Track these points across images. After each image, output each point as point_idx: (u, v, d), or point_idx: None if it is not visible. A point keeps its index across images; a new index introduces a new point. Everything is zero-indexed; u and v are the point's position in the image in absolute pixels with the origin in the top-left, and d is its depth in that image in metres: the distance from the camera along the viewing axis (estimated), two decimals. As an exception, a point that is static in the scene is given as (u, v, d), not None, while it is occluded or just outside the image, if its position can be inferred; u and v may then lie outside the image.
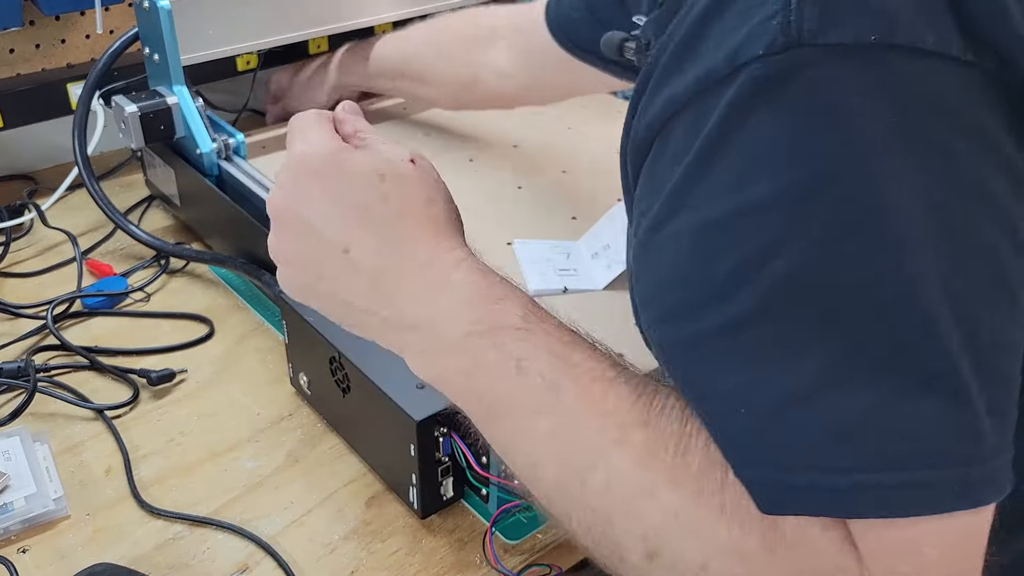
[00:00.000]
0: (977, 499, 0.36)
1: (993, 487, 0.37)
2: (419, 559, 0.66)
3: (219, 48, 0.98)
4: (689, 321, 0.40)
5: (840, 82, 0.36)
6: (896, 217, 0.36)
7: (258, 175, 0.96)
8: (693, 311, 0.40)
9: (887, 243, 0.36)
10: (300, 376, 0.78)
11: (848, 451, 0.36)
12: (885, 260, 0.36)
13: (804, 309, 0.37)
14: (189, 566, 0.65)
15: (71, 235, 1.00)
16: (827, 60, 0.36)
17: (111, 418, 0.77)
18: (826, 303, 0.37)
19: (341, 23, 1.06)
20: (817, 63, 0.36)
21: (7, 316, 0.89)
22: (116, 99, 0.94)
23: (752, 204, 0.37)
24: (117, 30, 1.14)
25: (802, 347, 0.37)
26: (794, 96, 0.37)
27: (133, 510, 0.69)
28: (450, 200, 0.53)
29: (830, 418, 0.36)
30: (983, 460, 0.37)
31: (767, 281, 0.37)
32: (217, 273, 0.96)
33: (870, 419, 0.36)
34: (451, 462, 0.67)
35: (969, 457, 0.36)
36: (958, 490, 0.36)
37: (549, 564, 0.67)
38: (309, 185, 0.50)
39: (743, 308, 0.38)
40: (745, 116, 0.38)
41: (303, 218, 0.50)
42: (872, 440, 0.36)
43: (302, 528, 0.68)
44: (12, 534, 0.67)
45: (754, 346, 0.38)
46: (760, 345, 0.38)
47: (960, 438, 0.36)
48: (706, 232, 0.39)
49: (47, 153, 1.14)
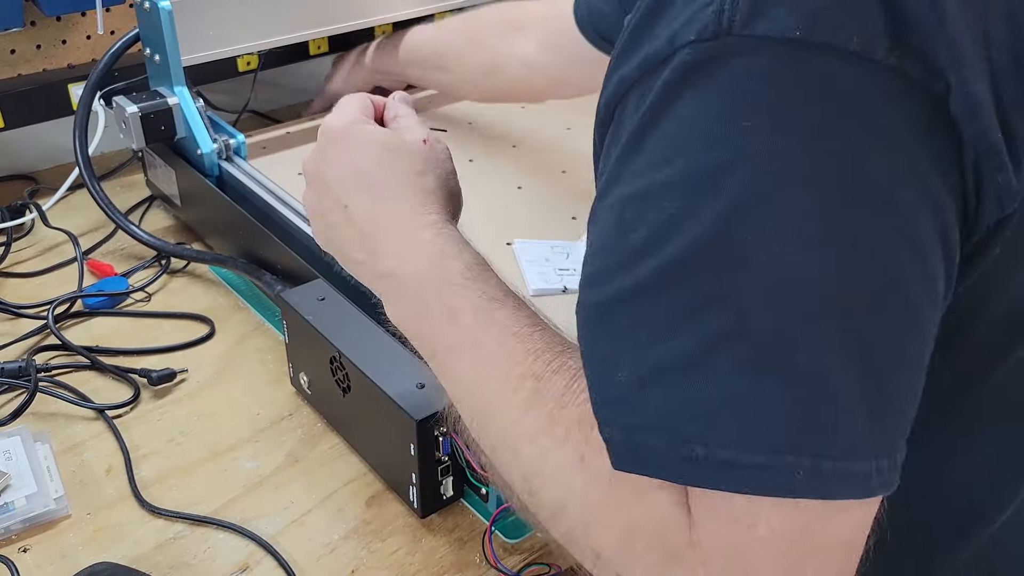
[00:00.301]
0: (825, 492, 0.37)
1: (854, 485, 0.38)
2: (419, 558, 0.66)
3: (220, 49, 0.98)
4: (598, 287, 0.42)
5: (759, 74, 0.37)
6: (791, 213, 0.37)
7: (258, 175, 0.96)
8: (604, 278, 0.42)
9: (777, 236, 0.37)
10: (300, 376, 0.78)
11: (700, 426, 0.38)
12: (773, 253, 0.37)
13: (691, 288, 0.38)
14: (190, 565, 0.65)
15: (72, 235, 1.00)
16: (751, 51, 0.37)
17: (112, 418, 0.77)
18: (711, 286, 0.38)
19: (341, 23, 1.06)
20: (742, 53, 0.37)
21: (8, 316, 0.89)
22: (117, 99, 0.94)
23: (664, 182, 0.39)
24: (118, 31, 1.14)
25: (681, 324, 0.38)
26: (717, 83, 0.38)
27: (134, 510, 0.70)
28: (447, 178, 0.59)
29: (692, 395, 0.38)
30: (842, 457, 0.37)
31: (663, 257, 0.39)
32: (218, 273, 0.97)
33: (730, 400, 0.38)
34: (451, 461, 0.67)
35: (823, 451, 0.37)
36: (802, 479, 0.37)
37: (548, 563, 0.67)
38: (329, 149, 0.58)
39: (639, 280, 0.40)
40: (674, 98, 0.39)
41: (321, 177, 0.58)
42: (726, 420, 0.38)
43: (302, 527, 0.68)
44: (13, 533, 0.67)
45: (640, 316, 0.40)
46: (644, 316, 0.40)
47: (817, 433, 0.37)
48: (627, 205, 0.41)
49: (48, 153, 1.14)
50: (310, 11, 1.03)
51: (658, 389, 0.39)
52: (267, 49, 1.08)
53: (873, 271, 0.38)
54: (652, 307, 0.39)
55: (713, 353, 0.38)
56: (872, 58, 0.37)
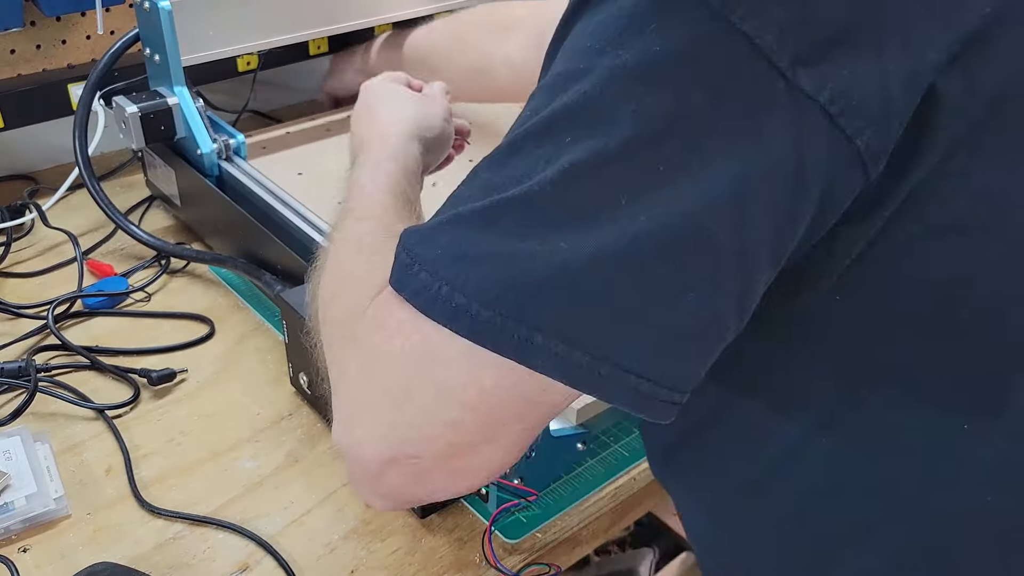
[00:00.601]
0: (528, 360, 0.40)
1: (560, 371, 0.40)
2: (419, 558, 0.66)
3: (219, 49, 0.98)
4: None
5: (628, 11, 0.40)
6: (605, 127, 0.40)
7: (258, 175, 0.96)
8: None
9: (586, 141, 0.40)
10: (300, 376, 0.78)
11: (453, 270, 0.41)
12: (578, 154, 0.40)
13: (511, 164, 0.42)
14: (190, 565, 0.65)
15: (72, 235, 1.00)
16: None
17: (112, 418, 0.77)
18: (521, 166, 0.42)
19: (341, 23, 1.06)
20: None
21: (8, 316, 0.89)
22: (117, 99, 0.94)
23: (542, 81, 0.44)
24: (118, 31, 1.15)
25: (487, 191, 0.42)
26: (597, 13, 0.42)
27: (134, 509, 0.70)
28: (422, 120, 0.73)
29: (457, 243, 0.42)
30: (557, 339, 0.40)
31: (507, 138, 0.44)
32: (217, 273, 0.97)
33: (485, 258, 0.41)
34: (451, 461, 0.67)
35: (539, 324, 0.40)
36: (502, 340, 0.40)
37: (548, 563, 0.67)
38: (362, 93, 0.79)
39: (494, 152, 0.44)
40: (572, 20, 0.44)
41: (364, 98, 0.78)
42: (473, 271, 0.41)
43: (302, 527, 0.68)
44: (13, 533, 0.67)
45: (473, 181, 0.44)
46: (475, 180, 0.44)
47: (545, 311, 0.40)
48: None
49: (48, 153, 1.15)
50: (310, 11, 1.03)
51: (449, 231, 0.42)
52: (267, 49, 1.08)
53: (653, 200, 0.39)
54: (485, 173, 0.44)
55: (496, 215, 0.41)
56: (776, 63, 0.38)
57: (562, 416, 0.71)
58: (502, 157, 0.43)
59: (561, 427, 0.70)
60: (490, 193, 0.42)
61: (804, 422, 0.52)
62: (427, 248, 0.42)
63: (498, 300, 0.40)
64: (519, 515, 0.69)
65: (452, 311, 0.41)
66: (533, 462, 0.68)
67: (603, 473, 0.73)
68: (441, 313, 0.41)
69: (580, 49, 0.42)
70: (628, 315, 0.40)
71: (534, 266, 0.40)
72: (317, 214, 0.89)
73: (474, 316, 0.40)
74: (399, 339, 0.43)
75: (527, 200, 0.40)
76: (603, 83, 0.40)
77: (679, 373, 0.42)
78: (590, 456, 0.74)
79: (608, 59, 0.40)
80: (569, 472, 0.73)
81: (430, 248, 0.42)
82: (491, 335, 0.40)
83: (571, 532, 0.70)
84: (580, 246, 0.39)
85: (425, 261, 0.42)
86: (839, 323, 0.48)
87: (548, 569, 0.67)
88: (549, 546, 0.68)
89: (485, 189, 0.42)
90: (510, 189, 0.41)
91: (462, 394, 0.42)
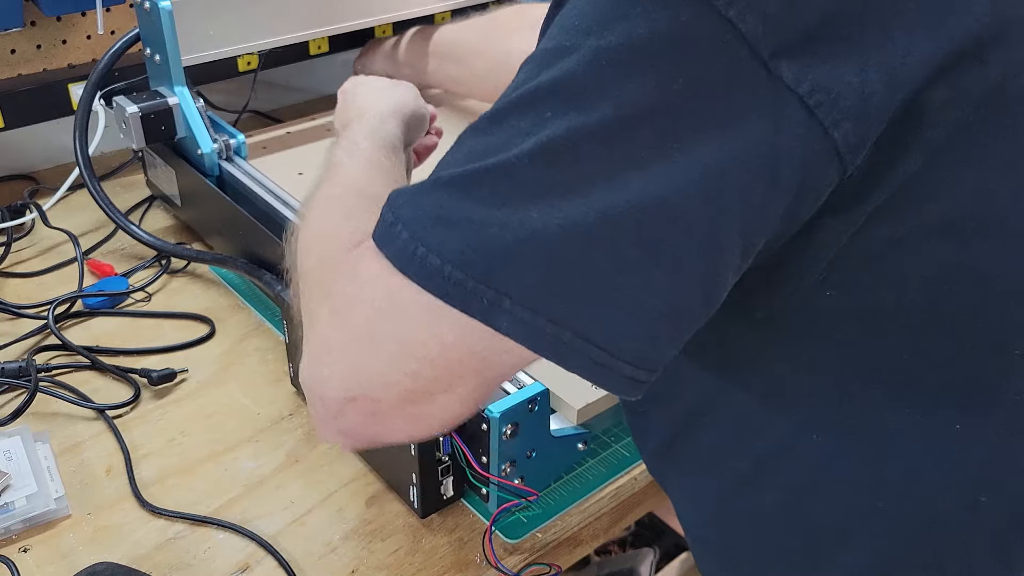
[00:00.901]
0: (493, 322, 0.42)
1: (524, 336, 0.42)
2: (419, 558, 0.66)
3: (220, 48, 0.98)
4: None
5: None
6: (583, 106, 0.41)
7: (259, 175, 0.96)
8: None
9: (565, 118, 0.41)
10: (300, 376, 0.78)
11: (435, 231, 0.43)
12: (558, 128, 0.41)
13: (495, 134, 0.43)
14: (190, 565, 0.65)
15: (72, 235, 1.00)
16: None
17: (112, 418, 0.77)
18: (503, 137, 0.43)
19: (341, 23, 1.06)
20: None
21: (8, 316, 0.89)
22: (117, 99, 0.94)
23: (527, 59, 0.45)
24: (118, 31, 1.15)
25: (471, 158, 0.43)
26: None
27: (134, 510, 0.70)
28: (397, 98, 0.75)
29: (437, 206, 0.43)
30: (521, 302, 0.41)
31: (495, 106, 0.45)
32: (218, 273, 0.97)
33: (462, 216, 0.42)
34: (451, 461, 0.67)
35: (505, 290, 0.41)
36: (471, 302, 0.42)
37: (549, 563, 0.67)
38: (340, 94, 0.81)
39: (479, 119, 0.46)
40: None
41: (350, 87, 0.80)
42: (449, 234, 0.42)
43: (302, 527, 0.68)
44: (13, 533, 0.67)
45: (461, 145, 0.46)
46: (462, 146, 0.46)
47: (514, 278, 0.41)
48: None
49: (48, 153, 1.15)
50: (310, 11, 1.03)
51: (431, 194, 0.44)
52: (267, 49, 1.08)
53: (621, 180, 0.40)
54: (469, 141, 0.45)
55: (474, 183, 0.43)
56: (714, 4, 0.39)
57: (562, 416, 0.71)
58: (485, 126, 0.44)
59: (561, 427, 0.70)
60: (472, 160, 0.43)
61: (793, 418, 0.52)
62: (410, 209, 0.44)
63: (470, 264, 0.42)
64: (519, 515, 0.69)
65: (426, 271, 0.42)
66: (533, 462, 0.68)
67: (603, 473, 0.73)
68: (416, 271, 0.43)
69: (568, 27, 0.43)
70: (593, 288, 0.41)
71: (505, 234, 0.41)
72: (317, 214, 0.90)
73: (446, 277, 0.42)
74: (370, 290, 0.45)
75: (504, 170, 0.42)
76: (587, 62, 0.41)
77: (640, 349, 0.43)
78: (590, 456, 0.74)
79: (594, 39, 0.41)
80: (569, 472, 0.73)
81: (413, 209, 0.44)
82: (460, 296, 0.42)
83: (571, 532, 0.70)
84: (551, 218, 0.41)
85: (407, 221, 0.44)
86: (827, 319, 0.48)
87: (548, 569, 0.67)
88: (549, 546, 0.68)
89: (468, 156, 0.44)
90: (490, 158, 0.42)
91: (423, 348, 0.44)
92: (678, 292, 0.42)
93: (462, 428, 0.66)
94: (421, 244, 0.43)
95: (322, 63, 1.30)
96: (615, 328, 0.42)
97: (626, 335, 0.42)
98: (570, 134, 0.41)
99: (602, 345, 0.42)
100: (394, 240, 0.44)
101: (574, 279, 0.41)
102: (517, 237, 0.41)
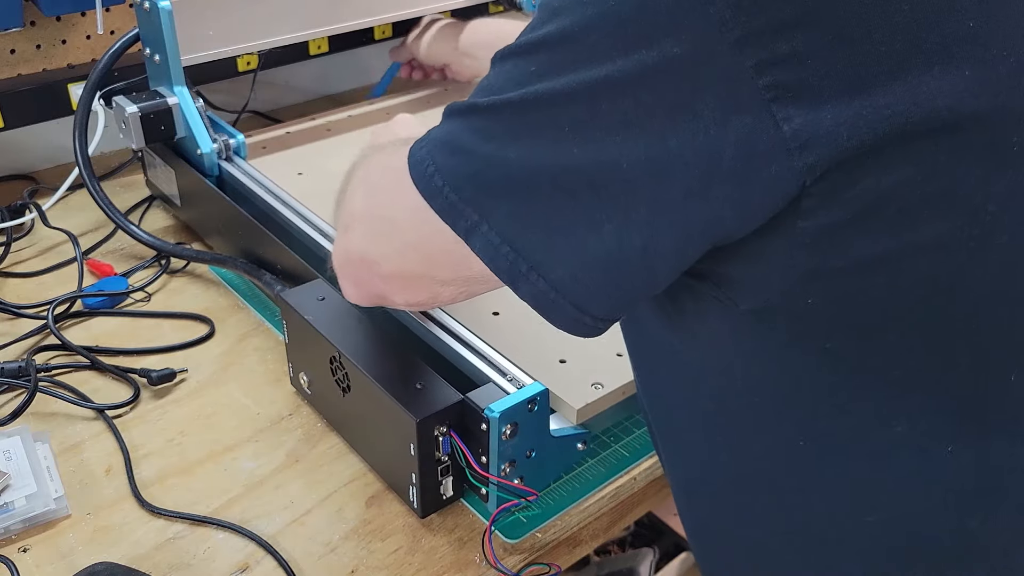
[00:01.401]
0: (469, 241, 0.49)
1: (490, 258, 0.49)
2: (419, 558, 0.66)
3: (219, 48, 0.98)
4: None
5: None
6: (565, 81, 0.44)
7: (258, 175, 0.96)
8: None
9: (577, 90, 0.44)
10: (300, 376, 0.78)
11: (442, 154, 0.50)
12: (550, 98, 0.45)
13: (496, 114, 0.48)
14: (190, 565, 0.65)
15: (72, 235, 1.00)
16: None
17: (112, 418, 0.77)
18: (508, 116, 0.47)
19: (341, 23, 1.06)
20: None
21: (8, 316, 0.89)
22: (117, 99, 0.94)
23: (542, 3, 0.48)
24: (118, 31, 1.15)
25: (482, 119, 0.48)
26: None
27: (134, 509, 0.70)
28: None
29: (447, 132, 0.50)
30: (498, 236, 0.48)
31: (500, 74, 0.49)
32: (217, 273, 0.97)
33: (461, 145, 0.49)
34: (451, 461, 0.67)
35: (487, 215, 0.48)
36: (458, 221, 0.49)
37: (548, 563, 0.67)
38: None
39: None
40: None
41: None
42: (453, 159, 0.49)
43: (302, 527, 0.68)
44: (13, 533, 0.67)
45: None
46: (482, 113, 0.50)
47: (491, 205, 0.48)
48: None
49: (48, 153, 1.15)
50: (310, 11, 1.03)
51: (448, 121, 0.51)
52: (267, 49, 1.08)
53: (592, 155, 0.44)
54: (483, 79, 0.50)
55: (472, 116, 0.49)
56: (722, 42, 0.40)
57: (562, 416, 0.71)
58: (494, 66, 0.49)
59: (561, 427, 0.70)
60: (477, 95, 0.49)
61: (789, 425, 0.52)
62: (436, 130, 0.52)
63: (462, 189, 0.49)
64: (519, 515, 0.69)
65: (433, 189, 0.50)
66: (533, 462, 0.68)
67: (603, 473, 0.73)
68: (425, 188, 0.50)
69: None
70: (551, 228, 0.47)
71: (489, 167, 0.47)
72: (317, 214, 0.89)
73: (445, 197, 0.49)
74: (397, 193, 0.53)
75: (494, 111, 0.47)
76: (568, 27, 0.44)
77: (582, 294, 0.48)
78: (590, 456, 0.74)
79: (580, 7, 0.44)
80: (569, 472, 0.73)
81: (437, 131, 0.52)
82: (451, 215, 0.49)
83: (571, 532, 0.70)
84: (526, 160, 0.46)
85: (426, 140, 0.52)
86: (815, 327, 0.48)
87: (548, 569, 0.67)
88: (549, 546, 0.68)
89: (478, 91, 0.49)
90: (487, 97, 0.48)
91: (419, 244, 0.54)
92: (625, 250, 0.46)
93: (462, 428, 0.66)
94: (431, 164, 0.50)
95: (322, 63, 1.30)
96: (563, 268, 0.47)
97: (572, 277, 0.47)
98: (545, 93, 0.45)
99: (552, 283, 0.48)
100: (415, 154, 0.51)
101: (538, 217, 0.47)
102: (498, 171, 0.47)
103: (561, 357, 0.73)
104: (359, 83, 1.37)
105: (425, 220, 0.50)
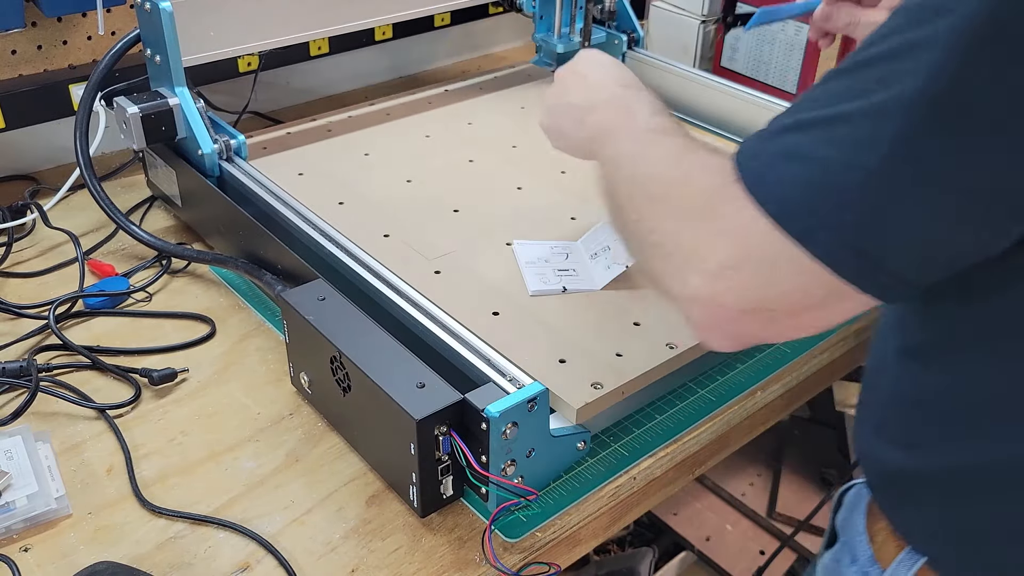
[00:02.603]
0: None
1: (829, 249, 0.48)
2: (419, 557, 0.66)
3: (220, 49, 0.98)
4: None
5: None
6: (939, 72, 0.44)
7: (259, 176, 0.96)
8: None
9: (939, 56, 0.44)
10: (301, 376, 0.78)
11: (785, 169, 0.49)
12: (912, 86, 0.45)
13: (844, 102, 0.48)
14: (190, 565, 0.65)
15: (73, 235, 1.00)
16: None
17: (113, 417, 0.78)
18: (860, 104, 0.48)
19: (341, 23, 1.07)
20: None
21: (9, 316, 0.89)
22: (118, 100, 0.94)
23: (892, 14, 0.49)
24: (119, 31, 1.15)
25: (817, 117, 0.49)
26: None
27: (134, 509, 0.70)
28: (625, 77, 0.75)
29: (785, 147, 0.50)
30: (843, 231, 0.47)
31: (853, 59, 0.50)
32: (218, 273, 0.97)
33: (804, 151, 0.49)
34: (451, 461, 0.67)
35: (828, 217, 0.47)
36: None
37: (548, 562, 0.67)
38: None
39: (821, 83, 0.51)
40: None
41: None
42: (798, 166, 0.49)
43: (303, 527, 0.69)
44: (14, 533, 0.67)
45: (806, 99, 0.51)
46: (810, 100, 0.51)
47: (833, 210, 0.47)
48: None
49: (49, 154, 1.15)
50: (310, 11, 1.03)
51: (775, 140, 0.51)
52: (267, 49, 1.09)
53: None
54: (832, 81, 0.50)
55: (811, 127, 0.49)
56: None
57: (561, 415, 0.71)
58: (831, 78, 0.49)
59: (560, 426, 0.70)
60: (815, 107, 0.49)
61: None
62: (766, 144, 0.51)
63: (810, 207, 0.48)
64: (519, 514, 0.69)
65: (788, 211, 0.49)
66: (532, 461, 0.68)
67: (602, 472, 0.73)
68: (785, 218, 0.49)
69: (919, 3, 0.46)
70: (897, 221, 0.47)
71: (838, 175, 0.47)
72: (317, 214, 0.90)
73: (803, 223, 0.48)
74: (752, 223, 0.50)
75: (832, 122, 0.47)
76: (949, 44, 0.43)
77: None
78: (590, 456, 0.74)
79: (943, 20, 0.44)
80: (568, 471, 0.73)
81: (767, 144, 0.51)
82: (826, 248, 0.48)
83: (570, 531, 0.70)
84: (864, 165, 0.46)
85: (757, 154, 0.51)
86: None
87: (548, 568, 0.67)
88: (549, 545, 0.68)
89: (814, 102, 0.50)
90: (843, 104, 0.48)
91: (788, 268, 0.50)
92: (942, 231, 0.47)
93: (462, 427, 0.66)
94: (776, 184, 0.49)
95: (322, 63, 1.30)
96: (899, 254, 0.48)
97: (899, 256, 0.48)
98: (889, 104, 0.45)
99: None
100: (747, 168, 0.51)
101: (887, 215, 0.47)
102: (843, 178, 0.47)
103: (561, 357, 0.73)
104: (359, 83, 1.38)
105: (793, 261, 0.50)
